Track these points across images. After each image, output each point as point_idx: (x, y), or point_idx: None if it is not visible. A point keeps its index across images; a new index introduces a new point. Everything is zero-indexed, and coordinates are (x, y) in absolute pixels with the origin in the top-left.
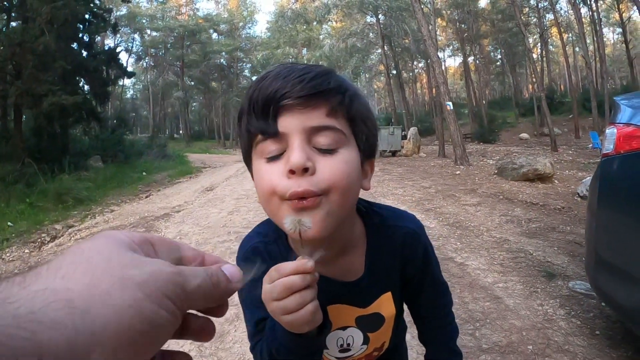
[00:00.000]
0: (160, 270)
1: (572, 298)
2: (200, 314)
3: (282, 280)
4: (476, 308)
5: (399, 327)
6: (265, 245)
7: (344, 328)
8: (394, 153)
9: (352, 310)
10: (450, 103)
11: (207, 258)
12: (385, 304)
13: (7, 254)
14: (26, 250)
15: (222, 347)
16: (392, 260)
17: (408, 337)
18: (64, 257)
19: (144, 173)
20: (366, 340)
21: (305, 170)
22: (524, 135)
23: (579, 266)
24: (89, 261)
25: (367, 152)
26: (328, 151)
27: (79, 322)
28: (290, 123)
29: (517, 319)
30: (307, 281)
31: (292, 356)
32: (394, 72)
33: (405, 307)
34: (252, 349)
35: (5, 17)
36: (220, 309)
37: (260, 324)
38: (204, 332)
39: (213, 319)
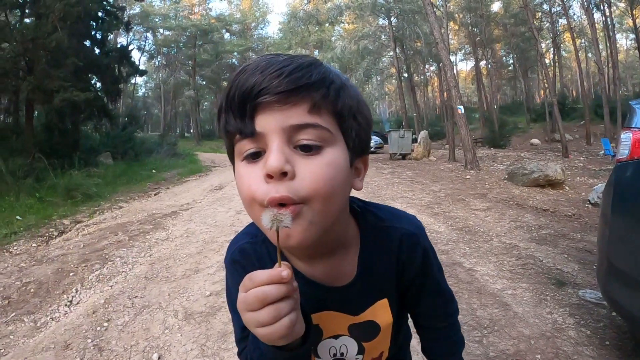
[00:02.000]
0: None
1: (582, 307)
2: None
3: (254, 290)
4: (484, 315)
5: (400, 336)
6: (253, 246)
7: (336, 337)
8: (404, 156)
9: (343, 318)
10: (461, 107)
11: None
12: (380, 312)
13: (15, 247)
14: (33, 244)
15: (224, 347)
16: (388, 263)
17: (414, 342)
18: None
19: (153, 171)
20: (361, 350)
21: (284, 174)
22: (535, 140)
23: (590, 274)
24: None
25: (358, 150)
26: (311, 152)
27: None
28: (268, 122)
29: (526, 327)
30: (282, 292)
31: None
32: (406, 75)
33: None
34: (239, 355)
35: (19, 13)
36: None
37: (246, 330)
38: None
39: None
